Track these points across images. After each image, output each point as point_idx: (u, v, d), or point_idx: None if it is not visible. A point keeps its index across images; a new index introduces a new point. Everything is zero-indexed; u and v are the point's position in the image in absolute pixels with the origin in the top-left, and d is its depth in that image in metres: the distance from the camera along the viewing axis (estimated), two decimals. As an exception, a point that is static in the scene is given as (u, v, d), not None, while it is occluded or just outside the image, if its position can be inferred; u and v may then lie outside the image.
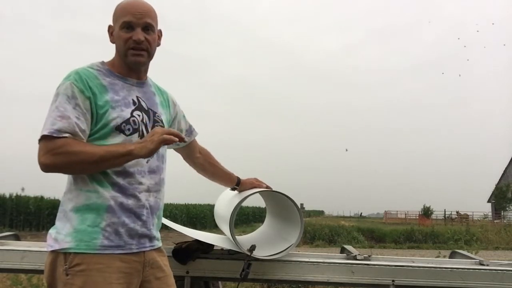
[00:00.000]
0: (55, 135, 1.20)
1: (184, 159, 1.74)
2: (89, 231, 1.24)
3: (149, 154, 1.27)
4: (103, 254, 1.24)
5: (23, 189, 21.07)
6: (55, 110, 1.24)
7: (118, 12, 1.37)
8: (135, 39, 1.33)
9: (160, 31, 1.43)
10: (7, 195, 20.70)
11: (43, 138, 1.22)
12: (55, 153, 1.20)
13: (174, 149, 1.68)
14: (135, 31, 1.34)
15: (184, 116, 1.66)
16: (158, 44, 1.44)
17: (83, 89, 1.27)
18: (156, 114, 1.43)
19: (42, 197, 21.88)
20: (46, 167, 1.22)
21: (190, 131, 1.68)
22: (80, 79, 1.28)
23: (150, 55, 1.40)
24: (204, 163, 1.75)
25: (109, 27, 1.40)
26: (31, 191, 22.01)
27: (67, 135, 1.21)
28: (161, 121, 1.45)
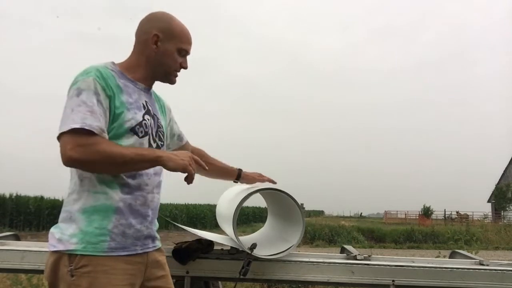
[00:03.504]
0: (87, 128, 1.19)
1: None
2: (96, 233, 1.24)
3: (174, 169, 1.29)
4: (110, 256, 1.24)
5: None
6: (82, 105, 1.22)
7: (177, 34, 1.42)
8: (184, 67, 1.47)
9: None
10: (7, 195, 20.70)
11: (71, 132, 1.19)
12: (86, 149, 1.19)
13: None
14: (185, 59, 1.46)
15: (176, 122, 1.70)
16: None
17: (104, 87, 1.27)
18: (159, 120, 1.47)
19: (42, 197, 21.89)
20: (73, 161, 1.20)
21: (182, 136, 1.73)
22: (102, 77, 1.28)
23: None
24: None
25: (156, 35, 1.39)
26: (31, 191, 22.05)
27: (97, 131, 1.21)
28: (162, 126, 1.50)
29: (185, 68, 1.47)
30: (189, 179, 1.31)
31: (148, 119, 1.38)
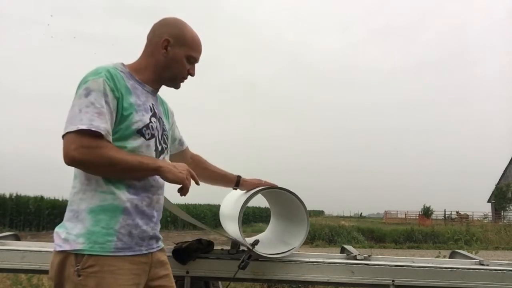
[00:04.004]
0: (93, 129, 1.19)
1: None
2: (103, 233, 1.24)
3: (172, 181, 1.31)
4: (116, 256, 1.25)
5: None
6: (90, 106, 1.22)
7: (188, 41, 1.43)
8: (191, 74, 1.48)
9: None
10: (7, 195, 20.70)
11: (77, 132, 1.19)
12: (89, 151, 1.19)
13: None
14: (193, 66, 1.48)
15: (177, 127, 1.71)
16: None
17: (113, 88, 1.28)
18: (164, 123, 1.48)
19: (42, 197, 21.84)
20: (75, 162, 1.20)
21: (182, 140, 1.74)
22: (111, 78, 1.28)
23: None
24: (195, 168, 1.74)
25: (166, 40, 1.40)
26: (31, 191, 22.03)
27: (103, 132, 1.21)
28: (167, 129, 1.51)
29: (192, 75, 1.48)
30: (183, 192, 1.33)
31: (154, 122, 1.39)
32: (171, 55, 1.41)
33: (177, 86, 1.50)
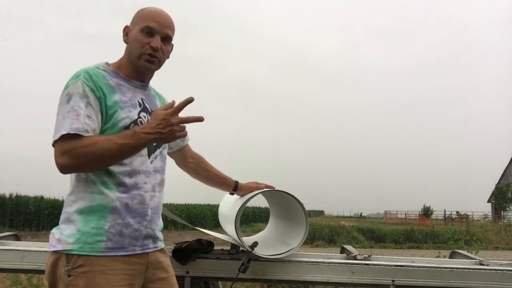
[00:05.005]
0: (72, 132, 1.19)
1: (177, 164, 1.74)
2: (93, 233, 1.24)
3: (163, 142, 1.31)
4: (107, 256, 1.24)
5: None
6: (71, 111, 1.22)
7: (142, 16, 1.39)
8: (153, 46, 1.35)
9: (172, 45, 1.45)
10: (7, 195, 20.69)
11: (61, 139, 1.20)
12: (71, 154, 1.19)
13: (168, 153, 1.68)
14: (154, 38, 1.36)
15: None
16: (168, 57, 1.45)
17: (93, 88, 1.27)
18: None
19: (42, 197, 21.88)
20: (64, 168, 1.20)
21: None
22: (91, 79, 1.28)
23: (160, 65, 1.42)
24: (196, 168, 1.74)
25: (126, 27, 1.40)
26: (31, 191, 22.03)
27: (81, 133, 1.21)
28: None
29: (154, 47, 1.34)
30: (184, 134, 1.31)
31: (144, 116, 1.36)
32: (130, 37, 1.38)
33: (145, 66, 1.37)
